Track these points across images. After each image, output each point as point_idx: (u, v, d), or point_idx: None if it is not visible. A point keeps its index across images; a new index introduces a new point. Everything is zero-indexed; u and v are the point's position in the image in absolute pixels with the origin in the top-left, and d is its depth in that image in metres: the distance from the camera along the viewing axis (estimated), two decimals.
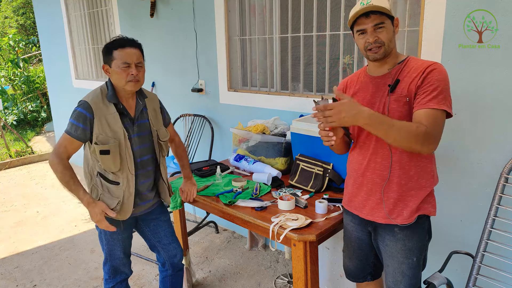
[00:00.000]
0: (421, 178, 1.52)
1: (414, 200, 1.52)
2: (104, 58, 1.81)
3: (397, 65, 1.52)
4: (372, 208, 1.59)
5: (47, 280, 2.92)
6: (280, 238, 1.73)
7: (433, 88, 1.39)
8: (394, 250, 1.58)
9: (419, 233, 1.56)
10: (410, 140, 1.36)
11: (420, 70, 1.44)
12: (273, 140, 2.50)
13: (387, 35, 1.45)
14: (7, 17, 11.32)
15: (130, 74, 1.77)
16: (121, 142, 1.80)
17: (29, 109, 8.22)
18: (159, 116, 2.01)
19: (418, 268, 1.60)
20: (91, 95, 1.82)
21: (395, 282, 1.61)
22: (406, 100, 1.46)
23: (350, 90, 1.66)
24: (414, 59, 1.52)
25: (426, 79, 1.41)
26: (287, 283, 2.74)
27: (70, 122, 1.78)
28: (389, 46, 1.48)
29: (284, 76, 2.96)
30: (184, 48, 3.52)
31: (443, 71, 1.43)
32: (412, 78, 1.45)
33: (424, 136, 1.36)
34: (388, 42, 1.46)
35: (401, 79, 1.48)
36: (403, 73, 1.49)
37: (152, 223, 2.07)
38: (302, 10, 2.70)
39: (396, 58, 1.53)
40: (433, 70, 1.41)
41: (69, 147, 1.78)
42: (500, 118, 1.90)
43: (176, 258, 2.15)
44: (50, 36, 5.72)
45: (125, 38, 1.82)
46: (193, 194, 2.17)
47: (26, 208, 4.28)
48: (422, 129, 1.36)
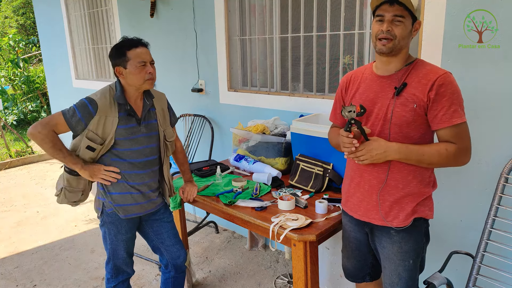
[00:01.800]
0: (420, 184, 1.51)
1: (410, 204, 1.51)
2: (115, 61, 1.79)
3: (405, 67, 1.49)
4: (368, 209, 1.58)
5: (47, 280, 2.92)
6: (280, 238, 1.73)
7: (451, 102, 1.40)
8: (391, 252, 1.58)
9: (416, 236, 1.55)
10: (444, 162, 1.45)
11: (431, 80, 1.41)
12: (273, 140, 2.50)
13: (402, 31, 1.42)
14: (7, 17, 11.31)
15: (148, 72, 1.79)
16: (105, 145, 1.80)
17: (29, 109, 8.22)
18: (166, 115, 2.01)
19: (415, 270, 1.59)
20: (100, 93, 1.82)
21: (391, 284, 1.61)
22: (414, 107, 1.43)
23: (353, 86, 1.63)
24: (422, 63, 1.49)
25: (441, 94, 1.40)
26: (287, 283, 2.74)
27: (71, 107, 1.78)
28: (400, 43, 1.43)
29: (284, 76, 2.96)
30: (184, 48, 3.52)
31: (453, 82, 1.42)
32: (421, 86, 1.43)
33: (456, 154, 1.43)
34: (400, 38, 1.42)
35: (408, 83, 1.45)
36: (411, 76, 1.46)
37: (155, 224, 2.06)
38: (302, 10, 2.70)
39: (404, 60, 1.50)
40: (445, 84, 1.40)
41: (58, 126, 1.77)
42: (500, 118, 1.90)
43: (180, 260, 2.14)
44: (50, 36, 5.72)
45: (134, 39, 1.83)
46: (194, 194, 2.18)
47: (26, 208, 4.28)
48: (452, 148, 1.42)
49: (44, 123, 1.75)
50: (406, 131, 1.46)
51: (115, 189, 1.88)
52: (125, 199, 1.89)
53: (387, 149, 1.45)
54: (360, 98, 1.57)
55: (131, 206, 1.91)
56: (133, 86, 1.81)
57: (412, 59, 1.51)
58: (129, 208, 1.91)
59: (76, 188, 1.92)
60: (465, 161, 1.47)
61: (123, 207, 1.90)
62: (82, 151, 1.80)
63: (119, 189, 1.88)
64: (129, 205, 1.90)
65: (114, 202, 1.89)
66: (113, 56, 1.80)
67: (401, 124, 1.46)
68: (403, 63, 1.50)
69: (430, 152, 1.43)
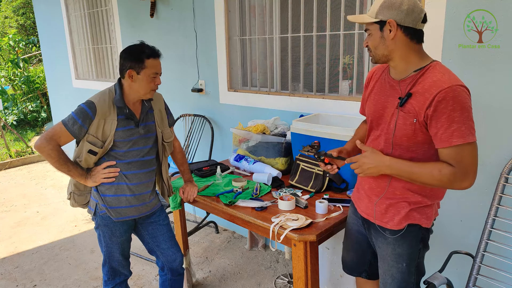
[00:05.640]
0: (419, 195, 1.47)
1: (406, 209, 1.48)
2: (130, 64, 1.77)
3: (413, 73, 1.38)
4: (367, 207, 1.60)
5: (47, 280, 2.92)
6: (280, 238, 1.73)
7: (451, 121, 1.26)
8: (385, 253, 1.58)
9: (410, 241, 1.51)
10: (437, 184, 1.35)
11: (432, 95, 1.28)
12: (273, 140, 2.50)
13: (372, 42, 1.41)
14: (7, 17, 11.31)
15: (156, 84, 1.83)
16: (104, 147, 1.81)
17: (29, 109, 8.22)
18: (164, 116, 2.02)
19: (409, 273, 1.56)
20: (98, 96, 1.82)
21: (384, 284, 1.61)
22: (413, 121, 1.35)
23: (372, 83, 1.60)
24: (434, 70, 1.34)
25: (440, 111, 1.27)
26: (287, 283, 2.74)
27: (70, 115, 1.79)
28: (376, 53, 1.42)
29: (284, 76, 2.96)
30: (184, 48, 3.52)
31: (458, 97, 1.26)
32: (423, 99, 1.31)
33: (450, 178, 1.30)
34: (373, 48, 1.41)
35: (414, 93, 1.35)
36: (417, 85, 1.35)
37: (150, 227, 2.06)
38: (302, 10, 2.70)
39: (408, 64, 1.39)
40: (446, 100, 1.26)
41: (62, 138, 1.78)
42: (500, 118, 1.90)
43: (176, 263, 2.13)
44: (50, 36, 5.72)
45: (155, 48, 1.83)
46: (194, 194, 2.17)
47: (26, 208, 4.28)
48: (447, 171, 1.30)
49: (48, 137, 1.76)
50: (408, 144, 1.40)
51: (109, 191, 1.88)
52: (119, 202, 1.89)
53: (378, 164, 1.41)
54: (373, 99, 1.54)
55: (124, 209, 1.91)
56: (137, 92, 1.82)
57: (426, 62, 1.38)
58: (122, 211, 1.91)
59: (84, 191, 1.94)
60: (463, 186, 1.31)
61: (117, 209, 1.90)
62: (85, 155, 1.81)
63: (113, 191, 1.88)
64: (122, 208, 1.90)
65: (108, 204, 1.89)
66: (129, 58, 1.78)
67: (402, 136, 1.40)
68: (406, 67, 1.40)
69: (422, 172, 1.34)
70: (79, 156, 1.84)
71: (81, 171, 1.83)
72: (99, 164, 1.86)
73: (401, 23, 1.33)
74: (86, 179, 1.85)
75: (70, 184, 1.96)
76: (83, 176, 1.84)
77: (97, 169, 1.85)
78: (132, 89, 1.82)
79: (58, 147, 1.78)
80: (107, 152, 1.84)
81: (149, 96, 1.86)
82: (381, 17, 1.35)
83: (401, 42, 1.36)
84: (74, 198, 1.95)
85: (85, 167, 1.85)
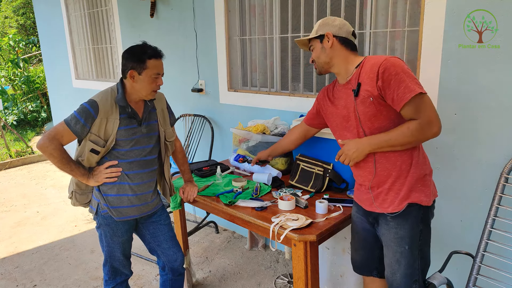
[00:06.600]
0: (410, 165, 1.57)
1: (404, 189, 1.57)
2: (132, 64, 1.77)
3: (355, 70, 1.61)
4: (369, 199, 1.68)
5: (47, 280, 2.92)
6: (280, 238, 1.73)
7: (399, 82, 1.45)
8: (388, 239, 1.64)
9: (411, 222, 1.58)
10: (413, 140, 1.50)
11: (375, 71, 1.50)
12: (273, 140, 2.49)
13: (315, 54, 1.70)
14: (7, 17, 11.32)
15: (158, 84, 1.83)
16: (106, 146, 1.81)
17: (29, 109, 8.22)
18: (166, 116, 2.02)
19: (412, 258, 1.61)
20: (101, 95, 1.82)
21: (392, 272, 1.65)
22: (370, 100, 1.53)
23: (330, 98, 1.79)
24: (369, 59, 1.58)
25: (386, 80, 1.47)
26: (287, 283, 2.74)
27: (73, 114, 1.78)
28: (319, 62, 1.70)
29: (284, 76, 2.96)
30: (184, 48, 3.52)
31: (395, 63, 1.47)
32: (370, 79, 1.52)
33: (419, 129, 1.46)
34: (316, 58, 1.70)
35: (362, 81, 1.56)
36: (362, 75, 1.57)
37: (151, 226, 2.06)
38: (302, 10, 2.70)
39: (347, 65, 1.64)
40: (387, 68, 1.46)
41: (64, 137, 1.78)
42: (500, 118, 1.90)
43: (176, 263, 2.12)
44: (50, 36, 5.72)
45: (157, 49, 1.82)
46: (194, 194, 2.17)
47: (26, 208, 4.28)
48: (414, 125, 1.46)
49: (51, 137, 1.76)
50: (377, 123, 1.56)
51: (111, 191, 1.88)
52: (120, 201, 1.89)
53: (359, 145, 1.59)
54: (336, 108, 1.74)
55: (126, 209, 1.91)
56: (139, 92, 1.82)
57: (360, 59, 1.63)
58: (124, 211, 1.90)
59: (86, 190, 1.94)
60: (433, 131, 1.47)
61: (118, 209, 1.89)
62: (87, 154, 1.81)
63: (115, 191, 1.88)
64: (124, 207, 1.90)
65: (110, 204, 1.89)
66: (130, 59, 1.78)
67: (368, 119, 1.56)
68: (347, 68, 1.64)
69: (396, 135, 1.50)
70: (81, 155, 1.84)
71: (83, 171, 1.83)
72: (101, 163, 1.86)
73: (336, 34, 1.64)
74: (88, 179, 1.84)
75: (72, 183, 1.95)
76: (85, 176, 1.84)
77: (99, 169, 1.85)
78: (134, 89, 1.82)
79: (61, 146, 1.78)
80: (109, 151, 1.84)
81: (151, 96, 1.85)
82: (320, 32, 1.67)
83: (338, 49, 1.65)
84: (76, 197, 1.95)
85: (87, 166, 1.86)
